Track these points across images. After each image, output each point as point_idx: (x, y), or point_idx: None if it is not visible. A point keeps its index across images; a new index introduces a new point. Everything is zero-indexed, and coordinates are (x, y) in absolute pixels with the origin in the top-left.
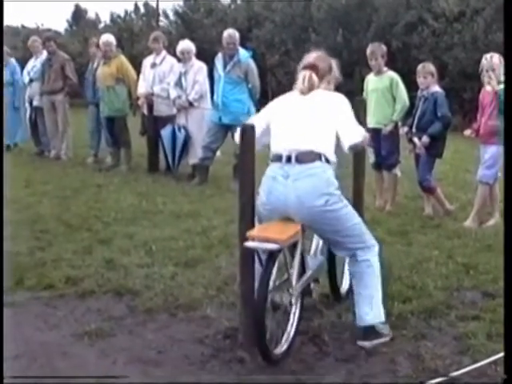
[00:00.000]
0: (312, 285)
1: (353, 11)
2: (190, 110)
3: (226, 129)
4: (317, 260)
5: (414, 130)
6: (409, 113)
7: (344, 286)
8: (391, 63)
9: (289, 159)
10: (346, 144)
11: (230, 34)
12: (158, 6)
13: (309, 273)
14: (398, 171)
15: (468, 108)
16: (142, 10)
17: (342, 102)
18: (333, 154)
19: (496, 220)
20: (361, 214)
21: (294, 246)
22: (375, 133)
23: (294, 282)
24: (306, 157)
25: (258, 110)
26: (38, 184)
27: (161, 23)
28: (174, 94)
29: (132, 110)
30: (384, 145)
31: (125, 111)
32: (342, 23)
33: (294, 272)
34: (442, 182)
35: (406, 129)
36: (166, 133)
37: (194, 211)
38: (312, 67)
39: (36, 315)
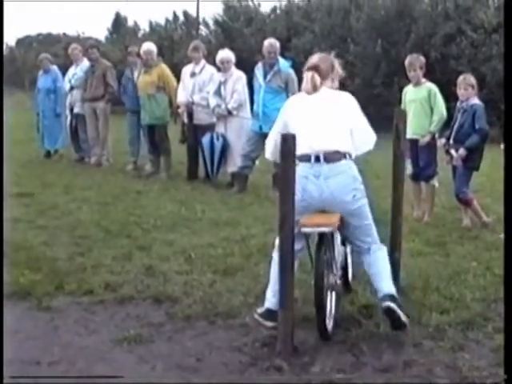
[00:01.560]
0: (338, 272)
1: (392, 22)
2: (228, 118)
3: (265, 138)
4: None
5: (451, 141)
6: (446, 124)
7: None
8: (429, 74)
9: (317, 159)
10: (360, 151)
11: (271, 43)
12: (198, 14)
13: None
14: (435, 182)
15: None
16: (182, 18)
17: (351, 101)
18: (353, 150)
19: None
20: (399, 224)
21: (331, 235)
22: (413, 143)
23: (338, 264)
24: (333, 156)
25: None
26: (78, 190)
27: (201, 32)
28: (213, 102)
29: (173, 118)
30: (422, 156)
31: (165, 119)
32: (380, 34)
33: (337, 255)
34: (479, 193)
35: (443, 140)
36: (205, 141)
37: (232, 219)
38: (314, 68)
39: (75, 320)
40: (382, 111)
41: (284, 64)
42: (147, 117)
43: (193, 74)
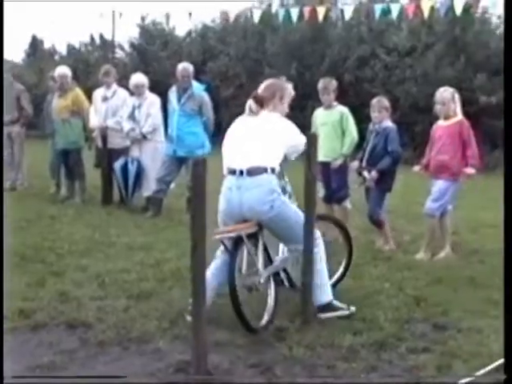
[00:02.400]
0: (282, 274)
1: (306, 45)
2: (143, 142)
3: (180, 162)
4: (283, 254)
5: (364, 163)
6: (358, 146)
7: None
8: (343, 97)
9: (241, 173)
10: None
11: (185, 67)
12: (113, 37)
13: (275, 263)
14: (348, 204)
15: (419, 141)
16: (98, 41)
17: (280, 123)
18: (277, 165)
19: (446, 252)
20: (312, 248)
21: (256, 240)
22: (324, 166)
23: (260, 267)
24: (255, 170)
25: (212, 143)
26: None
27: (117, 55)
28: (127, 126)
29: (88, 143)
30: (334, 178)
31: (79, 144)
32: (295, 57)
33: (259, 259)
34: (393, 214)
35: (356, 163)
36: (118, 165)
37: (147, 244)
38: (254, 96)
39: None
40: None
41: (198, 88)
42: (61, 141)
43: (105, 99)
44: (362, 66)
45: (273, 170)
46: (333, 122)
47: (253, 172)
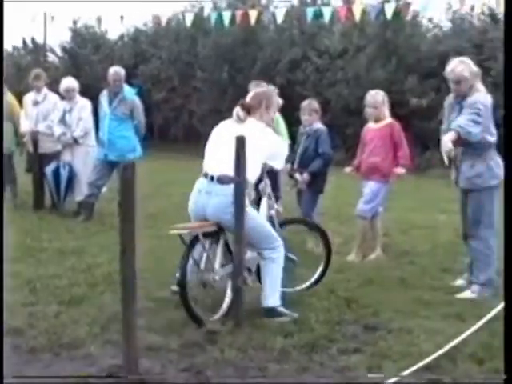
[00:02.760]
0: (245, 273)
1: (238, 48)
2: (74, 147)
3: (111, 166)
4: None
5: (295, 166)
6: (289, 149)
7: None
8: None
9: (212, 178)
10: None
11: (116, 71)
12: (45, 41)
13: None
14: (279, 207)
15: (351, 143)
16: (30, 45)
17: (263, 131)
18: (250, 176)
19: (377, 254)
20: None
21: (216, 239)
22: None
23: (216, 265)
24: (225, 179)
25: (143, 147)
26: None
27: (49, 58)
28: (58, 131)
29: (19, 148)
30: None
31: (11, 149)
32: (227, 60)
33: (217, 257)
34: (325, 216)
35: (287, 165)
36: (49, 170)
37: (78, 248)
38: (241, 104)
39: None
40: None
41: (129, 91)
42: None
43: (35, 103)
44: (294, 69)
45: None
46: None
47: (222, 180)
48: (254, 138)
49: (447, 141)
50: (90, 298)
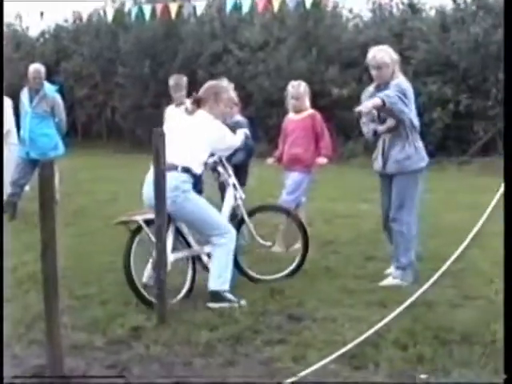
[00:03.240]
0: (205, 259)
1: (159, 42)
2: None
3: (34, 164)
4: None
5: (217, 159)
6: None
7: None
8: (197, 93)
9: None
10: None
11: (36, 68)
12: None
13: (193, 248)
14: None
15: (273, 134)
16: None
17: (209, 123)
18: (195, 165)
19: (300, 244)
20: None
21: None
22: None
23: (168, 251)
24: (169, 167)
25: (65, 144)
26: None
27: None
28: None
29: None
30: None
31: None
32: (148, 55)
33: (168, 244)
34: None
35: (210, 159)
36: None
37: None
38: (193, 97)
39: None
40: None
41: (50, 89)
42: None
43: None
44: (215, 62)
45: (185, 169)
46: None
47: (167, 168)
48: (199, 128)
49: (369, 104)
50: (15, 298)
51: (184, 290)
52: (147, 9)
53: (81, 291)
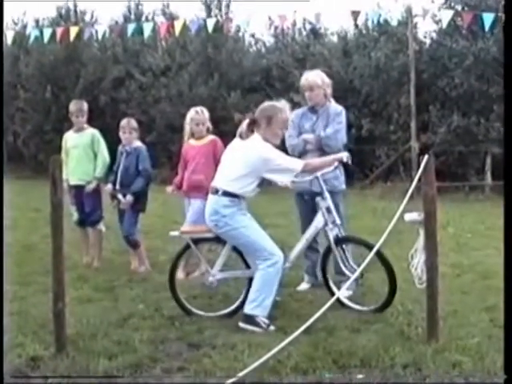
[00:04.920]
0: None
1: (61, 66)
2: None
3: None
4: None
5: (117, 186)
6: (110, 168)
7: None
8: (99, 118)
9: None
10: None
11: None
12: None
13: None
14: (102, 226)
15: (176, 160)
16: None
17: (260, 149)
18: (237, 188)
19: (201, 271)
20: (62, 273)
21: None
22: (77, 189)
23: (213, 268)
24: (213, 190)
25: None
26: None
27: None
28: None
29: None
30: (87, 201)
31: None
32: (50, 79)
33: (218, 261)
34: (150, 234)
35: (109, 186)
36: None
37: None
38: (248, 120)
39: None
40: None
41: None
42: None
43: None
44: (118, 87)
45: (225, 193)
46: (84, 144)
47: (211, 191)
48: (245, 152)
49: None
50: None
51: (232, 307)
52: (47, 32)
53: None
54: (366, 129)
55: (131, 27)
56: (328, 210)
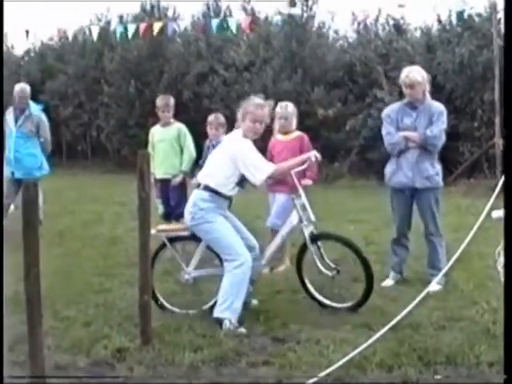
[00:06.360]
0: None
1: (145, 62)
2: None
3: (18, 183)
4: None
5: None
6: (196, 162)
7: None
8: (183, 113)
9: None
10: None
11: (22, 88)
12: None
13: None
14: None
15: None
16: None
17: (236, 145)
18: (215, 183)
19: (286, 266)
20: (147, 267)
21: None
22: (164, 183)
23: (188, 267)
24: (197, 184)
25: (50, 164)
26: None
27: None
28: None
29: None
30: (173, 195)
31: None
32: (134, 74)
33: (193, 259)
34: None
35: (196, 179)
36: None
37: None
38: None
39: None
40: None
41: (35, 108)
42: None
43: None
44: (201, 82)
45: (206, 188)
46: (171, 138)
47: (195, 186)
48: (226, 147)
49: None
50: None
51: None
52: (131, 27)
53: (65, 312)
54: (450, 125)
55: (215, 23)
56: (303, 207)
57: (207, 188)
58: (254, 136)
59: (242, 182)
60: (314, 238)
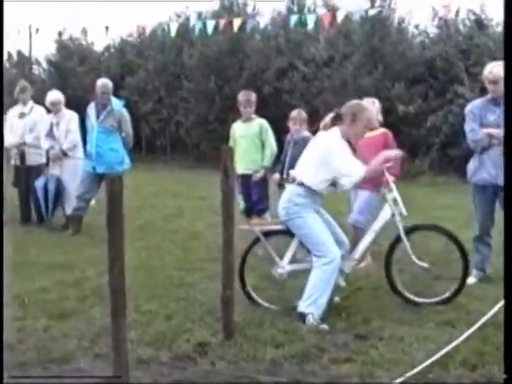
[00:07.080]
0: None
1: (224, 58)
2: (63, 160)
3: (100, 178)
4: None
5: (285, 175)
6: (277, 157)
7: None
8: (263, 109)
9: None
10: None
11: (104, 83)
12: (30, 54)
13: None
14: (268, 216)
15: None
16: (15, 58)
17: (327, 142)
18: (311, 180)
19: (368, 262)
20: (231, 262)
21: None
22: (245, 178)
23: (283, 261)
24: (291, 180)
25: (131, 159)
26: None
27: (35, 71)
28: (46, 145)
29: None
30: (254, 190)
31: None
32: (213, 70)
33: (287, 254)
34: None
35: (277, 175)
36: (39, 183)
37: (67, 262)
38: (334, 112)
39: None
40: (218, 147)
41: (117, 103)
42: None
43: (22, 115)
44: (281, 78)
45: (301, 184)
46: (252, 134)
47: (290, 181)
48: (323, 145)
49: None
50: (79, 312)
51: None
52: (211, 24)
53: (147, 306)
54: None
55: (294, 19)
56: (395, 201)
57: (302, 184)
58: (358, 139)
59: (336, 182)
60: (410, 231)
